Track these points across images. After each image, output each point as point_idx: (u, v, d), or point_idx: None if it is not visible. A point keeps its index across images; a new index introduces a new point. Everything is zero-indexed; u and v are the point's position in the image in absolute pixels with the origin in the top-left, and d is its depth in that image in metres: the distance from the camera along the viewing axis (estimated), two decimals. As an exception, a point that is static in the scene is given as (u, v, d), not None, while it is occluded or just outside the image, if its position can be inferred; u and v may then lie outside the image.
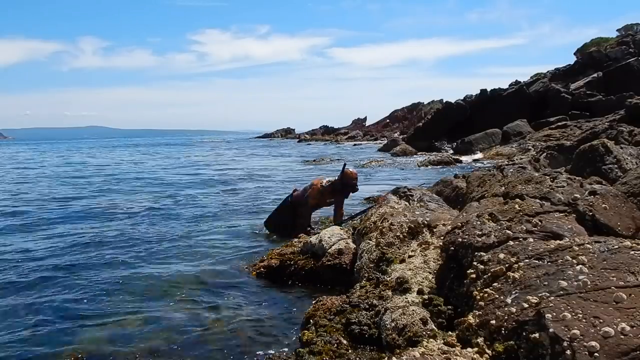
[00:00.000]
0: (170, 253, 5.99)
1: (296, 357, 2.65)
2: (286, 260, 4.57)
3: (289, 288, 4.43)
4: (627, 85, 22.07)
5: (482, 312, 2.33)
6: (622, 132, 10.13)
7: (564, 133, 17.40)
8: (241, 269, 5.04)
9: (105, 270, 5.28)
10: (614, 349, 1.76)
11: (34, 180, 16.47)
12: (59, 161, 27.77)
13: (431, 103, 47.05)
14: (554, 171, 4.73)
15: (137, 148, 47.91)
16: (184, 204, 10.05)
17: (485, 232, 2.77)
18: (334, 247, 4.33)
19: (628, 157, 6.75)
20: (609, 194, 2.98)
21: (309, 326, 3.04)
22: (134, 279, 4.92)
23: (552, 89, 25.26)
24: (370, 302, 2.99)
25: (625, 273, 2.09)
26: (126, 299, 4.35)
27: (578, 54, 34.23)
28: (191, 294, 4.37)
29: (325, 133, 59.59)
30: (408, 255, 3.46)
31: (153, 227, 7.63)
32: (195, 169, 20.08)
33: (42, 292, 4.59)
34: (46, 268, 5.37)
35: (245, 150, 36.53)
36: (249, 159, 27.01)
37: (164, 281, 4.79)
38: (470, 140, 21.38)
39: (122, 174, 18.21)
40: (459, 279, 2.71)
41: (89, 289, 4.70)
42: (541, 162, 9.65)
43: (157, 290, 4.52)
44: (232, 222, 7.91)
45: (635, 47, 28.29)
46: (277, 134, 71.82)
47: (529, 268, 2.37)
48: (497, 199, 3.25)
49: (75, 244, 6.58)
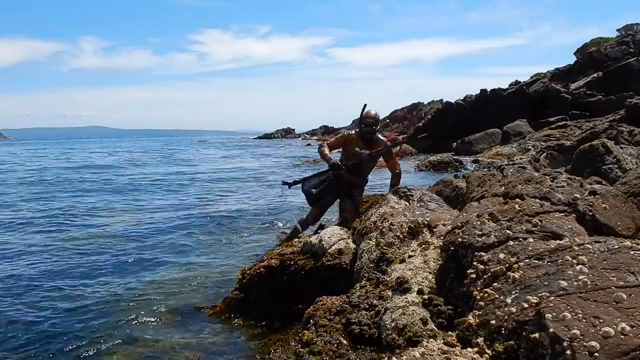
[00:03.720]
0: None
1: (296, 357, 2.65)
2: (286, 260, 4.57)
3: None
4: (627, 85, 22.06)
5: (482, 312, 2.33)
6: (622, 132, 10.15)
7: (564, 133, 17.41)
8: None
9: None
10: (614, 349, 1.76)
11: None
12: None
13: (431, 103, 47.02)
14: (554, 171, 4.74)
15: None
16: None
17: (485, 232, 2.77)
18: (334, 247, 4.33)
19: (628, 157, 6.76)
20: (609, 194, 2.98)
21: (309, 326, 3.04)
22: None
23: (552, 89, 25.26)
24: (370, 302, 2.99)
25: (625, 273, 2.08)
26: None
27: (578, 54, 34.22)
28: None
29: (325, 133, 59.59)
30: (408, 255, 3.45)
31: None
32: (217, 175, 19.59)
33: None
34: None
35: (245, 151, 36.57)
36: (249, 159, 27.07)
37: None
38: (470, 140, 21.38)
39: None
40: (459, 279, 2.71)
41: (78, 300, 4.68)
42: (541, 162, 9.66)
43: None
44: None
45: (635, 47, 28.29)
46: (277, 134, 71.85)
47: (529, 268, 2.37)
48: (497, 199, 3.25)
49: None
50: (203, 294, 4.83)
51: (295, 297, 4.01)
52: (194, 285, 5.08)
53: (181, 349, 3.61)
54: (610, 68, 25.59)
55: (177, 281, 5.20)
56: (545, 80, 27.31)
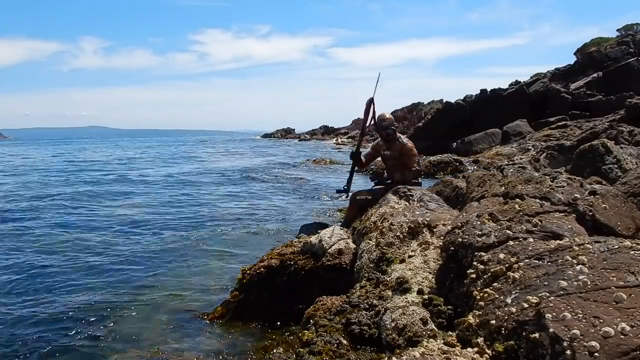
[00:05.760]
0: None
1: (296, 357, 2.65)
2: (286, 261, 4.57)
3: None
4: (627, 85, 22.04)
5: (482, 312, 2.33)
6: (622, 132, 10.14)
7: (564, 133, 17.38)
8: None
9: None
10: (614, 349, 1.76)
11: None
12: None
13: (431, 103, 47.03)
14: (554, 171, 4.74)
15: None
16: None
17: (485, 232, 2.77)
18: (334, 247, 4.33)
19: (628, 157, 6.76)
20: (609, 194, 2.98)
21: (309, 326, 3.04)
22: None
23: (552, 89, 25.24)
24: (370, 302, 2.99)
25: (625, 273, 2.08)
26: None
27: (578, 54, 34.19)
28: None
29: (325, 133, 59.59)
30: (408, 255, 3.45)
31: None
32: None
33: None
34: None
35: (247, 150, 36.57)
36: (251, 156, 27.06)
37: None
38: (470, 140, 21.36)
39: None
40: (459, 279, 2.71)
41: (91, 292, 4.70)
42: (541, 162, 9.66)
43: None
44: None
45: (635, 47, 28.26)
46: (277, 134, 71.83)
47: (529, 268, 2.37)
48: (497, 199, 3.25)
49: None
50: (203, 294, 4.83)
51: (295, 297, 4.01)
52: (194, 285, 5.08)
53: (181, 350, 3.61)
54: (610, 68, 25.56)
55: (177, 281, 5.20)
56: (545, 80, 27.29)
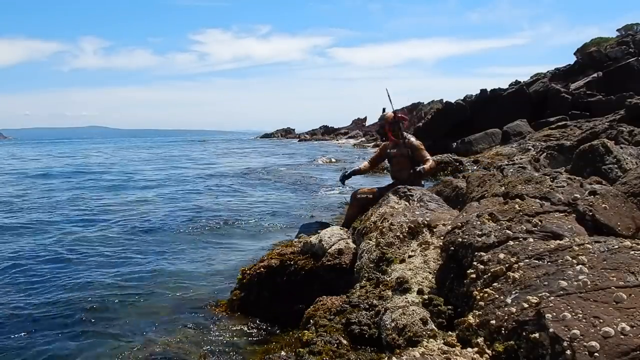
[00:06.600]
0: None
1: (296, 357, 2.65)
2: (286, 260, 4.57)
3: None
4: (627, 85, 22.02)
5: (482, 312, 2.33)
6: (622, 132, 10.13)
7: (564, 133, 17.37)
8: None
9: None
10: (614, 349, 1.76)
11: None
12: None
13: (431, 103, 47.05)
14: (554, 171, 4.74)
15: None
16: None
17: (485, 232, 2.77)
18: (334, 247, 4.33)
19: (628, 157, 6.75)
20: (609, 194, 2.98)
21: (309, 326, 3.04)
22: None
23: (552, 89, 25.23)
24: (370, 302, 2.99)
25: (625, 273, 2.08)
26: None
27: (578, 54, 34.19)
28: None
29: (325, 133, 59.57)
30: (408, 255, 3.45)
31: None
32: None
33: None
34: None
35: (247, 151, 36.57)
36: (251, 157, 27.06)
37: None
38: (470, 140, 21.35)
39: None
40: (459, 279, 2.71)
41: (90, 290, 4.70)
42: (541, 162, 9.65)
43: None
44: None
45: (635, 47, 28.25)
46: (277, 134, 71.82)
47: (529, 268, 2.37)
48: (497, 199, 3.24)
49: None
50: (203, 293, 4.83)
51: (295, 297, 4.01)
52: (194, 284, 5.08)
53: (181, 350, 3.61)
54: (610, 68, 25.55)
55: (178, 280, 5.20)
56: (545, 80, 27.27)
